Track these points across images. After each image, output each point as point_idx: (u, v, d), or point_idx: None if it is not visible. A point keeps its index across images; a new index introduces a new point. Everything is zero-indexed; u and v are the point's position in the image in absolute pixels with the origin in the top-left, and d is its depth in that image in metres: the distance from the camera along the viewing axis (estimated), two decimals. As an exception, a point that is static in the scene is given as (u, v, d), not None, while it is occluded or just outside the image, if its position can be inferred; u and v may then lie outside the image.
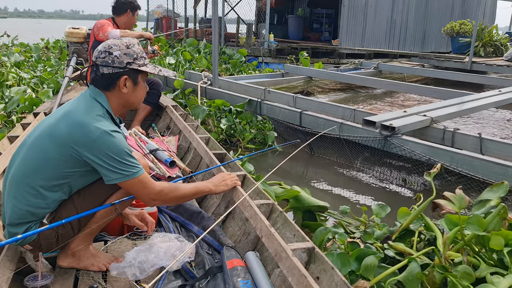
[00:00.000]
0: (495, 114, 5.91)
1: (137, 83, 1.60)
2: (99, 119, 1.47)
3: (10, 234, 1.52)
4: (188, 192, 1.66)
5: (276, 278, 1.62)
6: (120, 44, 1.55)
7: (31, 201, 1.47)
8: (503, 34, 11.11)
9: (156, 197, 1.54)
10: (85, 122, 1.44)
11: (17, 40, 10.38)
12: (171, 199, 1.59)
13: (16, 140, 2.74)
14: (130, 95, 1.59)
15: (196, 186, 1.70)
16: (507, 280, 1.52)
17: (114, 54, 1.53)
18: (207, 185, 1.72)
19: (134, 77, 1.58)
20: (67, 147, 1.44)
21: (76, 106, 1.51)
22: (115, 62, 1.53)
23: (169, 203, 1.61)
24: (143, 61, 1.60)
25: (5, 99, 4.56)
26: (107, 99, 1.56)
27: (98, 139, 1.43)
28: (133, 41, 1.60)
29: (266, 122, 4.49)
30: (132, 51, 1.56)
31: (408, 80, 8.10)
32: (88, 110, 1.49)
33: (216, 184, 1.75)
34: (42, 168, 1.46)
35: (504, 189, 1.76)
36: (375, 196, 3.23)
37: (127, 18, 3.66)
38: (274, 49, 9.01)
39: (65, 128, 1.45)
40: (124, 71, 1.54)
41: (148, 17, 14.60)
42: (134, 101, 1.63)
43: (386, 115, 3.85)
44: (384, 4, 10.81)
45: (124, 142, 1.49)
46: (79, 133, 1.43)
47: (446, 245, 1.71)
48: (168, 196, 1.57)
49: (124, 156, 1.46)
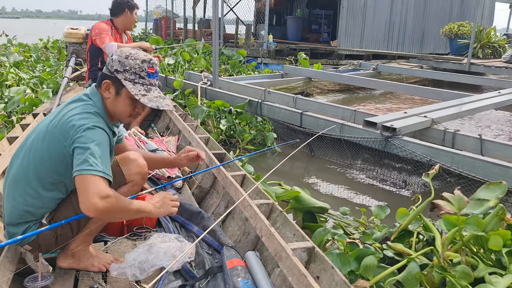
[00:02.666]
0: (495, 115, 5.93)
1: (119, 94, 1.53)
2: (88, 116, 1.45)
3: (10, 234, 1.52)
4: (132, 208, 1.47)
5: (276, 278, 1.62)
6: (123, 52, 1.55)
7: (29, 201, 1.48)
8: (501, 35, 11.15)
9: (103, 198, 1.33)
10: (74, 118, 1.44)
11: (15, 40, 10.37)
12: (116, 209, 1.38)
13: (16, 141, 2.74)
14: (111, 102, 1.54)
15: (140, 204, 1.52)
16: (505, 280, 1.53)
17: (112, 57, 1.54)
18: (148, 206, 1.55)
19: (117, 86, 1.53)
20: (58, 144, 1.44)
21: (71, 105, 1.51)
22: (109, 64, 1.54)
23: (111, 213, 1.38)
24: (134, 78, 1.52)
25: (4, 99, 4.55)
26: (101, 100, 1.55)
27: (79, 133, 1.40)
28: (139, 56, 1.54)
29: (266, 123, 4.50)
30: (128, 63, 1.52)
31: (407, 81, 8.12)
32: (80, 108, 1.48)
33: (157, 206, 1.58)
34: (39, 167, 1.46)
35: (503, 190, 1.77)
36: (375, 197, 3.24)
37: (125, 18, 3.62)
38: (273, 50, 9.02)
39: (57, 125, 1.46)
40: (110, 75, 1.53)
41: (147, 18, 14.60)
42: (114, 111, 1.57)
43: (386, 116, 3.87)
44: (382, 5, 10.84)
45: (101, 141, 1.43)
46: (67, 129, 1.42)
47: (445, 246, 1.72)
48: (115, 204, 1.36)
49: (89, 151, 1.37)
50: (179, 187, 2.57)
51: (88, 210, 1.33)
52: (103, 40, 3.45)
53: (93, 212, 1.33)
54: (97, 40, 3.48)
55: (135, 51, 1.56)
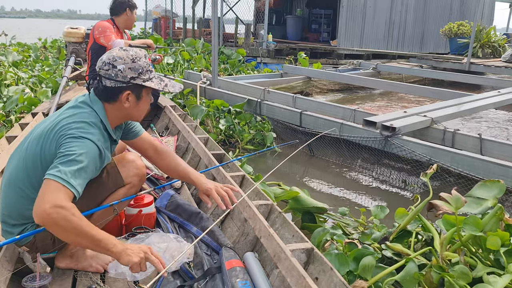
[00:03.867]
0: (495, 114, 5.93)
1: (140, 98, 1.54)
2: (80, 126, 1.40)
3: (7, 234, 1.52)
4: (90, 234, 1.30)
5: (275, 279, 1.62)
6: (125, 57, 1.48)
7: (23, 203, 1.46)
8: (501, 35, 11.15)
9: (55, 208, 1.24)
10: (66, 127, 1.40)
11: (14, 40, 10.36)
12: (67, 224, 1.25)
13: (14, 140, 2.74)
14: (132, 109, 1.54)
15: (103, 236, 1.34)
16: (503, 280, 1.53)
17: (118, 67, 1.47)
18: (115, 244, 1.35)
19: (137, 92, 1.52)
20: (49, 149, 1.41)
21: (69, 111, 1.48)
22: (118, 76, 1.47)
23: (60, 227, 1.25)
24: (148, 76, 1.53)
25: (3, 98, 4.55)
26: (104, 109, 1.51)
27: (65, 141, 1.36)
28: (139, 54, 1.52)
29: (265, 123, 4.50)
30: (138, 65, 1.50)
31: (406, 80, 8.12)
32: (76, 116, 1.44)
33: (128, 253, 1.35)
34: (32, 171, 1.44)
35: (500, 189, 1.77)
36: (375, 197, 3.23)
37: (126, 17, 3.64)
38: (272, 49, 9.02)
39: (51, 130, 1.42)
40: (127, 86, 1.49)
41: (146, 17, 14.60)
42: (135, 115, 1.58)
43: (386, 115, 3.86)
44: (382, 4, 10.83)
45: (84, 154, 1.35)
46: (59, 136, 1.39)
47: (443, 246, 1.72)
48: (66, 219, 1.24)
49: (66, 160, 1.31)
50: (178, 187, 2.57)
51: (36, 215, 1.25)
52: (109, 38, 3.44)
53: (40, 218, 1.24)
54: (101, 39, 3.47)
55: (133, 52, 1.51)
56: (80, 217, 1.29)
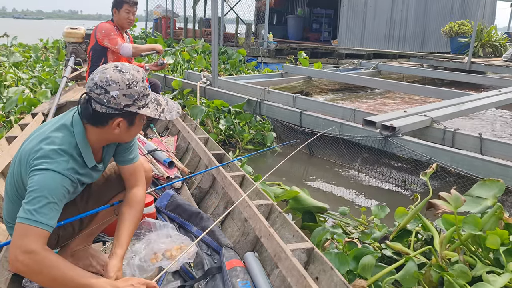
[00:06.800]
0: (495, 114, 5.92)
1: (132, 124, 1.40)
2: (52, 155, 1.28)
3: (9, 234, 1.52)
4: (71, 277, 1.21)
5: (275, 279, 1.62)
6: (121, 82, 1.31)
7: (19, 205, 1.44)
8: (502, 34, 11.13)
9: (25, 253, 1.17)
10: (36, 155, 1.29)
11: (16, 40, 10.37)
12: (43, 269, 1.18)
13: (14, 141, 2.75)
14: (122, 135, 1.41)
15: (87, 279, 1.24)
16: (502, 279, 1.54)
17: (111, 93, 1.30)
18: (102, 284, 1.26)
19: (130, 119, 1.38)
20: (24, 176, 1.33)
21: (46, 131, 1.36)
22: (111, 102, 1.31)
23: (35, 274, 1.19)
24: (144, 101, 1.37)
25: (3, 99, 4.56)
26: (83, 132, 1.37)
27: (32, 173, 1.26)
28: (137, 77, 1.35)
29: (265, 123, 4.50)
30: (134, 91, 1.33)
31: (407, 80, 8.11)
32: (50, 141, 1.32)
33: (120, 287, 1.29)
34: (18, 185, 1.39)
35: (500, 188, 1.77)
36: (375, 197, 3.24)
37: (117, 17, 3.40)
38: (273, 49, 9.02)
39: (26, 157, 1.33)
40: (119, 113, 1.34)
41: (147, 17, 14.61)
42: (125, 139, 1.46)
43: (386, 115, 3.86)
44: (383, 4, 10.82)
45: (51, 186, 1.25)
46: (28, 162, 1.30)
47: (443, 245, 1.72)
48: (40, 264, 1.18)
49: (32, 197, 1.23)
50: (178, 188, 2.57)
51: (9, 264, 1.19)
52: (115, 41, 3.38)
53: (14, 267, 1.18)
54: (105, 42, 3.40)
55: (130, 76, 1.34)
56: (57, 261, 1.21)
